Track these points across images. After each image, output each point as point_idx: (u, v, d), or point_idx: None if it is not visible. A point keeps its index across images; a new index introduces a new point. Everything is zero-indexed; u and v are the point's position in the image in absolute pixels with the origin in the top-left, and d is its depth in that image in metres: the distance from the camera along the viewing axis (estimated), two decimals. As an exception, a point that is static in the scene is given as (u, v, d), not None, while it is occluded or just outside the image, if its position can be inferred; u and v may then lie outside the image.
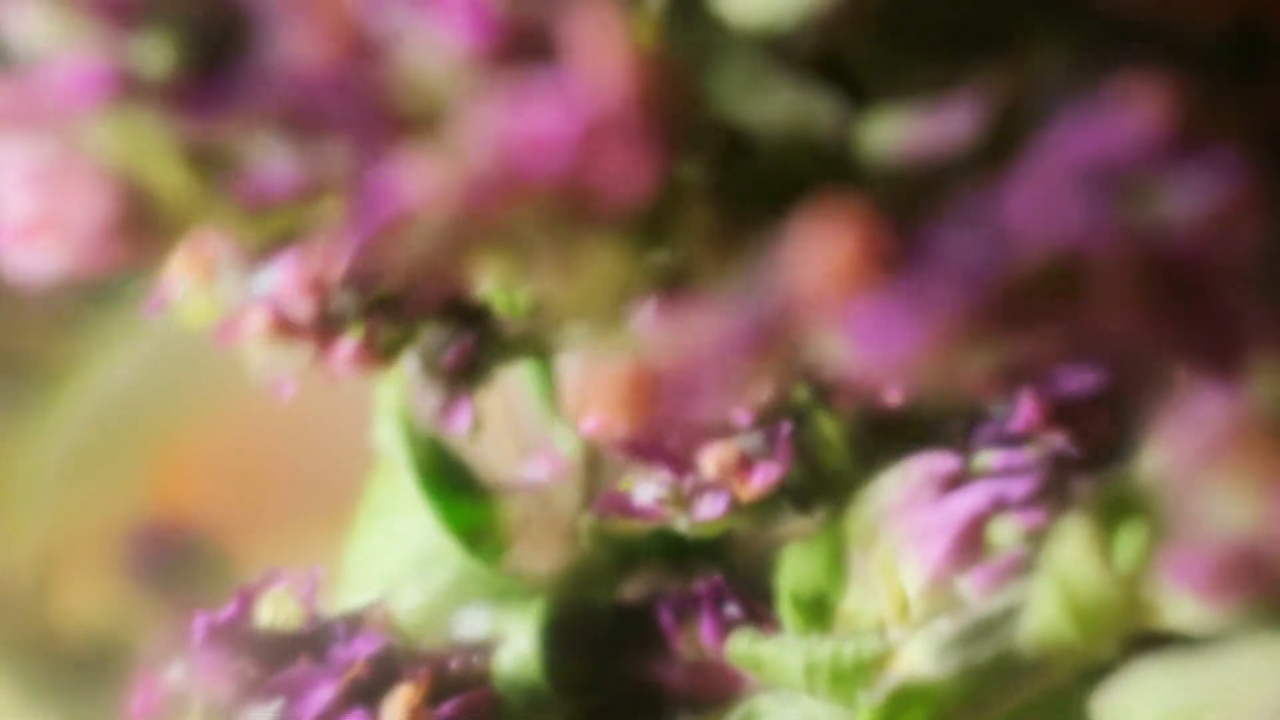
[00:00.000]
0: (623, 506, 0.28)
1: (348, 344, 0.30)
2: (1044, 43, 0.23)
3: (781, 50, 0.23)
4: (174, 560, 0.62)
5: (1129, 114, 0.22)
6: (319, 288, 0.29)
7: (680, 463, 0.28)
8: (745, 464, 0.28)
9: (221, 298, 0.30)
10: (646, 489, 0.28)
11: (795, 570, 0.29)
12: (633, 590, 0.32)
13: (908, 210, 0.22)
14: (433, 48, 0.22)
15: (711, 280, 0.23)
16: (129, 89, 0.24)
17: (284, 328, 0.30)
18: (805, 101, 0.24)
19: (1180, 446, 0.23)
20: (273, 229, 0.24)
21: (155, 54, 0.23)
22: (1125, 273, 0.22)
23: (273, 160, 0.23)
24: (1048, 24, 0.23)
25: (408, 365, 0.31)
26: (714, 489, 0.28)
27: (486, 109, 0.21)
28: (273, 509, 0.59)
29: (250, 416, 0.58)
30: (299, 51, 0.22)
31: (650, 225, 0.22)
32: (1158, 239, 0.22)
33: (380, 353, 0.30)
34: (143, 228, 0.24)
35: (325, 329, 0.30)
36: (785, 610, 0.30)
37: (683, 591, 0.31)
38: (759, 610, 0.30)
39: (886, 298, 0.22)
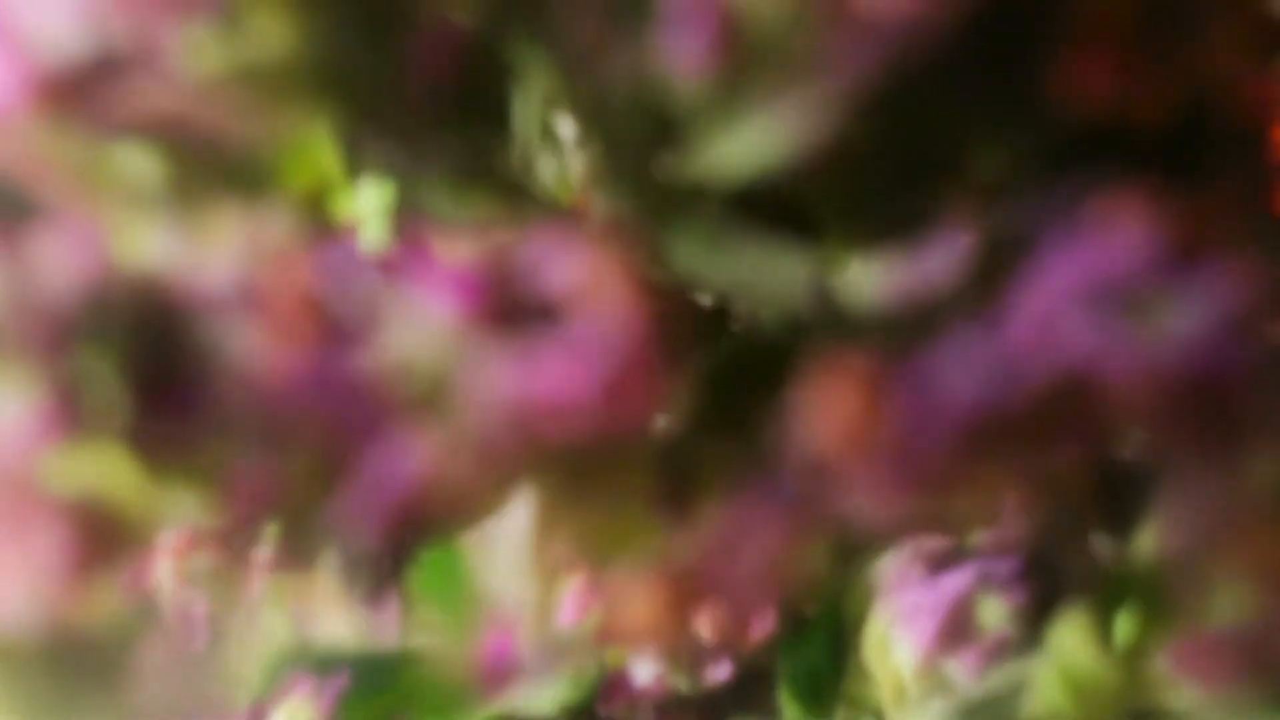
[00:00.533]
0: (625, 691, 0.28)
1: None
2: (1010, 161, 0.22)
3: (743, 205, 0.23)
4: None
5: (1121, 233, 0.21)
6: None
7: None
8: (741, 620, 0.27)
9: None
10: (644, 666, 0.28)
11: (793, 655, 0.29)
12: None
13: (903, 353, 0.22)
14: (419, 322, 0.21)
15: (721, 465, 0.22)
16: (79, 421, 0.22)
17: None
18: (776, 257, 0.23)
19: (1180, 531, 0.23)
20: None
21: (99, 380, 0.22)
22: (1135, 388, 0.22)
23: (248, 466, 0.22)
24: (1008, 140, 0.22)
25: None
26: (715, 652, 0.27)
27: (490, 374, 0.20)
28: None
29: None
30: (263, 353, 0.21)
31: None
32: (1165, 353, 0.22)
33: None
34: (107, 549, 0.23)
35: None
36: (784, 697, 0.29)
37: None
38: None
39: (899, 444, 0.22)
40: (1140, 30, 0.22)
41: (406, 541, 0.22)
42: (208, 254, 0.23)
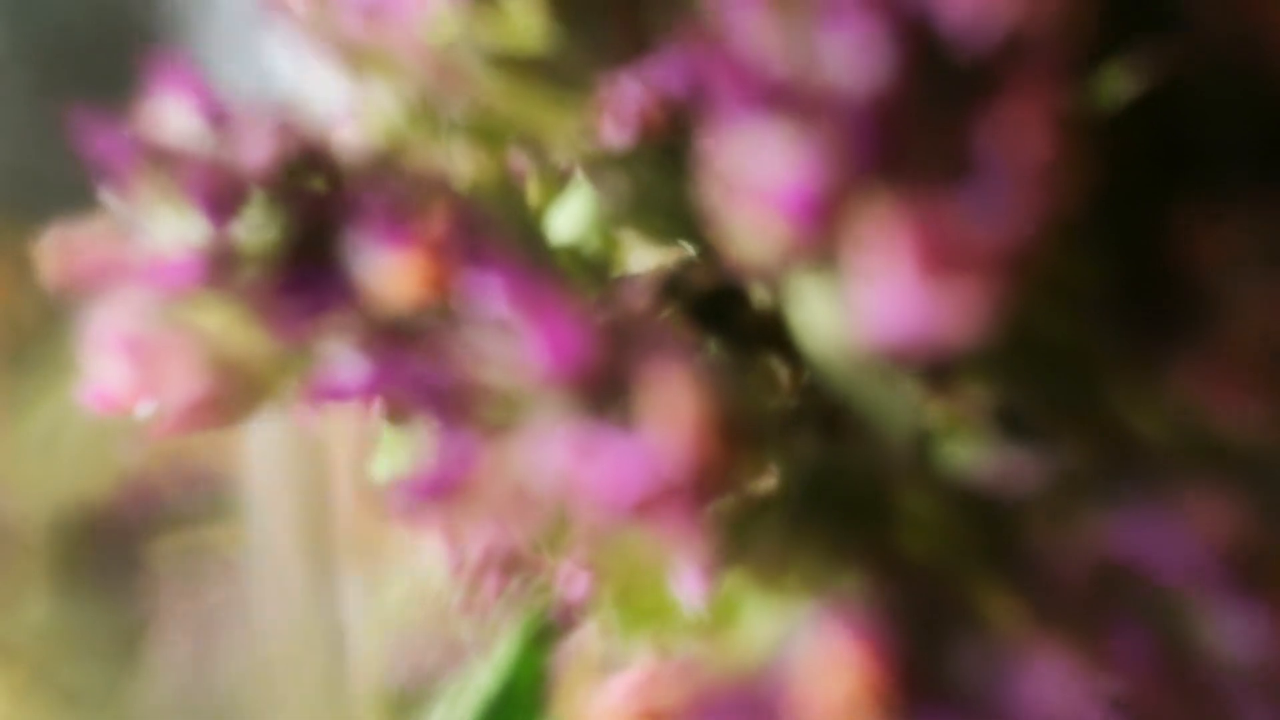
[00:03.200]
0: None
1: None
2: (1128, 417, 0.23)
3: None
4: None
5: (1190, 531, 0.22)
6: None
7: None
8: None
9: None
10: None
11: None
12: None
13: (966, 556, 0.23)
14: (514, 363, 0.22)
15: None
16: (223, 276, 0.24)
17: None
18: (887, 402, 0.24)
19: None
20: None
21: (252, 243, 0.24)
22: (1154, 689, 0.22)
23: (348, 365, 0.24)
24: (1132, 406, 0.23)
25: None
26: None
27: (554, 442, 0.22)
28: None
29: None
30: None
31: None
32: (1194, 663, 0.22)
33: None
34: (230, 399, 0.25)
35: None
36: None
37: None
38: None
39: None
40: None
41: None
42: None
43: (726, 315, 0.26)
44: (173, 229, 0.25)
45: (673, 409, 0.21)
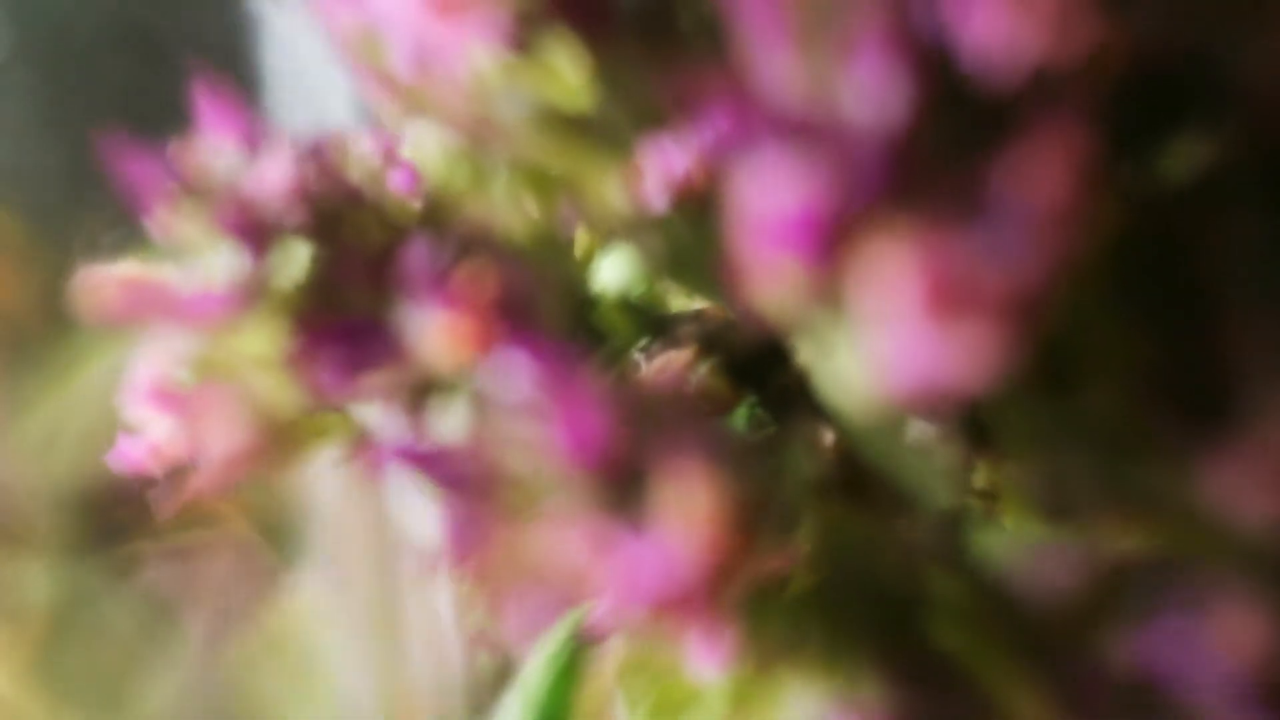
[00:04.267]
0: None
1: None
2: (1163, 506, 0.22)
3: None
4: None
5: (1219, 646, 0.21)
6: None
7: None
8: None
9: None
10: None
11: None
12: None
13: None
14: (537, 450, 0.22)
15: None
16: (258, 313, 0.24)
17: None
18: (921, 467, 0.23)
19: None
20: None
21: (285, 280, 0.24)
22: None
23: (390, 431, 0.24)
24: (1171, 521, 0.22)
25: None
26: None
27: (573, 533, 0.22)
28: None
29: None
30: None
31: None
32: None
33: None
34: (271, 451, 0.25)
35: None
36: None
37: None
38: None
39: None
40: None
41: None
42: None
43: (766, 375, 0.25)
44: (207, 263, 0.24)
45: (689, 508, 0.21)
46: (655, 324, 0.26)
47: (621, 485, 0.21)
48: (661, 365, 0.26)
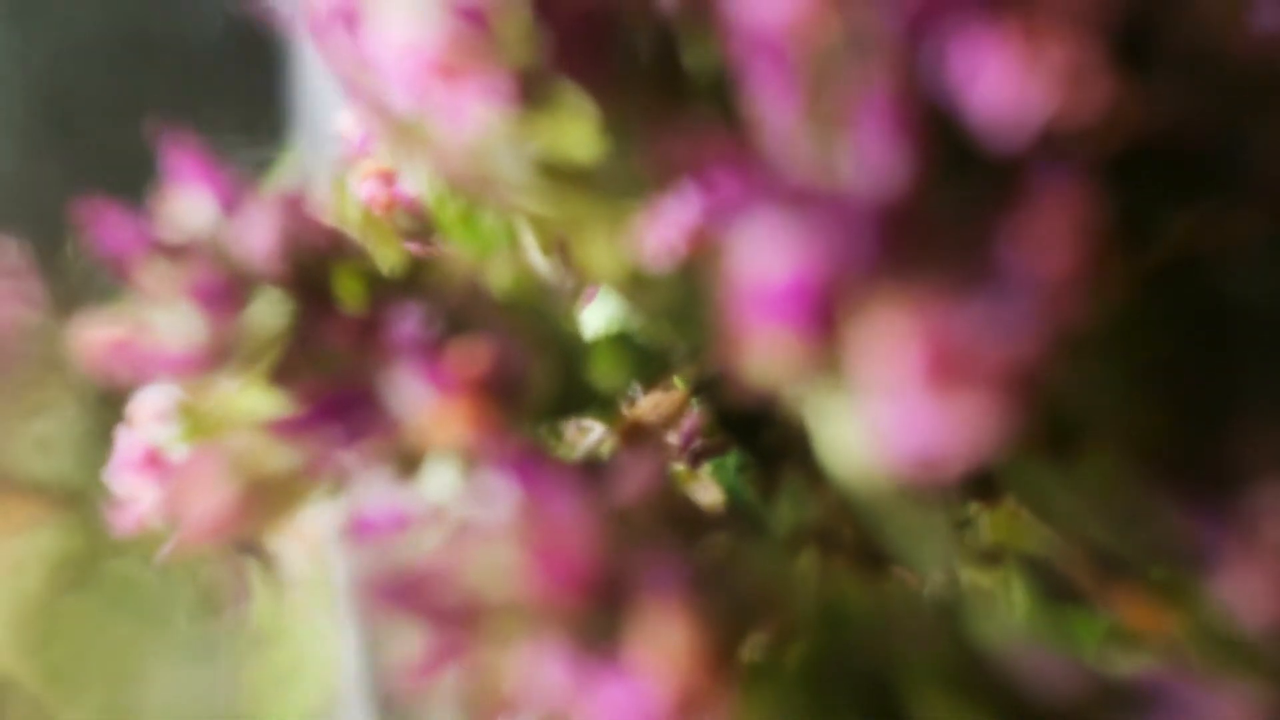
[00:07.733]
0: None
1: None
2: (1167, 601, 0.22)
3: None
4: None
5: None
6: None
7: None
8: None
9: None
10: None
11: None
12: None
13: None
14: (510, 582, 0.22)
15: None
16: (228, 370, 0.24)
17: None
18: (918, 532, 0.23)
19: None
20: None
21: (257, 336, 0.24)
22: None
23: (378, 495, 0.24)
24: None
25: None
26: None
27: (549, 663, 0.22)
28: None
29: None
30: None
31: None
32: None
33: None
34: (257, 511, 0.25)
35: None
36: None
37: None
38: None
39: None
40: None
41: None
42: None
43: (756, 429, 0.25)
44: (181, 321, 0.24)
45: (665, 645, 0.21)
46: (648, 363, 0.26)
47: (599, 613, 0.21)
48: (653, 405, 0.26)
